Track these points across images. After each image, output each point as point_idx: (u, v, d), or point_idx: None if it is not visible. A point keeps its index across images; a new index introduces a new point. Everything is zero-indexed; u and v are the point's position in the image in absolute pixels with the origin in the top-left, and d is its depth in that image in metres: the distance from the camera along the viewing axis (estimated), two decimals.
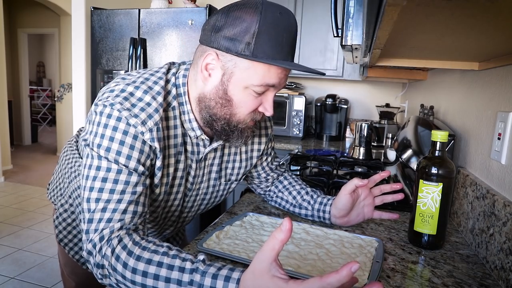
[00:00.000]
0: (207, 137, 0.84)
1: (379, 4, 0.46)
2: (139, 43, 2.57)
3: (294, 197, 1.05)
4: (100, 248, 0.66)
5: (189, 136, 0.83)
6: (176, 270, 0.60)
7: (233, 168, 0.96)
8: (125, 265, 0.63)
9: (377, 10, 0.49)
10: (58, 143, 5.77)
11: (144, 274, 0.61)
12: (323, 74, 0.79)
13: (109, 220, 0.67)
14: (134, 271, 0.62)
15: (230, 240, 0.85)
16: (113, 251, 0.64)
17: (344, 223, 0.97)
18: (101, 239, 0.66)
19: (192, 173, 0.87)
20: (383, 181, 1.37)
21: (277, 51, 0.70)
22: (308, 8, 2.60)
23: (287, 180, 1.10)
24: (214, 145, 0.86)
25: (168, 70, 0.81)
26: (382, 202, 0.97)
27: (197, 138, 0.83)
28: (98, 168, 0.69)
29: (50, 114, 7.81)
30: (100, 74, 2.73)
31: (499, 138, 0.86)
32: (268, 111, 0.77)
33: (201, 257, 0.62)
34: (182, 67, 0.82)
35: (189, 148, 0.84)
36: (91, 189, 0.69)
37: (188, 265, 0.60)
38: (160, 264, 0.61)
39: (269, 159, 1.07)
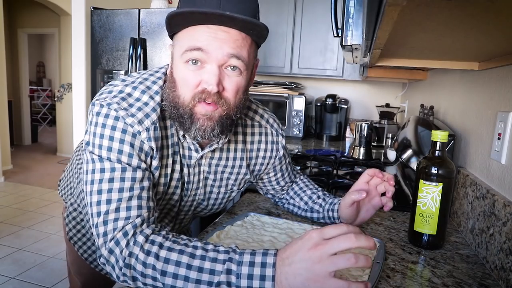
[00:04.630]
0: (193, 141, 0.80)
1: (379, 4, 0.46)
2: (139, 43, 2.57)
3: (306, 203, 1.02)
4: (127, 243, 0.64)
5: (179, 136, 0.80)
6: (209, 260, 0.61)
7: (231, 177, 0.92)
8: (156, 257, 0.62)
9: (377, 10, 0.49)
10: (58, 143, 5.76)
11: (176, 263, 0.61)
12: (266, 29, 0.70)
13: (128, 218, 0.66)
14: (166, 261, 0.62)
15: (230, 240, 0.85)
16: (141, 247, 0.64)
17: (357, 224, 0.94)
18: (125, 234, 0.65)
19: (186, 178, 0.84)
20: None
21: (191, 8, 0.68)
22: (308, 8, 2.60)
23: (298, 186, 1.06)
24: (206, 150, 0.82)
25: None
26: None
27: (185, 138, 0.80)
28: (102, 170, 0.68)
29: (50, 114, 7.80)
30: (100, 74, 2.73)
31: (499, 138, 0.86)
32: (207, 82, 0.68)
33: (233, 246, 0.64)
34: None
35: (181, 151, 0.82)
36: (99, 191, 0.68)
37: (221, 256, 0.62)
38: (193, 256, 0.62)
39: (286, 175, 1.03)
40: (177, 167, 0.81)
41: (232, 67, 0.70)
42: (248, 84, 0.77)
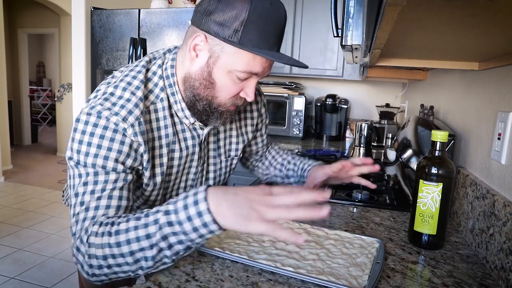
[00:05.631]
0: (201, 123, 0.85)
1: (379, 4, 0.46)
2: (139, 43, 2.57)
3: (280, 170, 1.15)
4: (87, 238, 0.67)
5: (185, 123, 0.85)
6: (152, 214, 0.64)
7: (230, 144, 0.99)
8: (109, 234, 0.65)
9: (377, 10, 0.49)
10: (58, 143, 5.76)
11: (126, 231, 0.64)
12: (306, 66, 0.79)
13: (93, 217, 0.69)
14: (117, 232, 0.64)
15: (231, 240, 0.85)
16: (96, 234, 0.66)
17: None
18: (86, 231, 0.68)
19: (196, 156, 0.90)
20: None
21: (264, 41, 0.72)
22: (308, 8, 2.60)
23: (270, 154, 1.17)
24: (210, 126, 0.87)
25: (151, 61, 0.83)
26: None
27: (192, 124, 0.85)
28: (80, 176, 0.72)
29: (50, 114, 7.80)
30: (100, 74, 2.73)
31: (499, 138, 0.86)
32: (249, 96, 0.79)
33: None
34: (169, 57, 0.83)
35: (187, 134, 0.86)
36: (76, 195, 0.71)
37: (162, 207, 0.64)
38: (138, 219, 0.64)
39: (264, 136, 1.12)
40: (176, 154, 0.85)
41: None
42: None
